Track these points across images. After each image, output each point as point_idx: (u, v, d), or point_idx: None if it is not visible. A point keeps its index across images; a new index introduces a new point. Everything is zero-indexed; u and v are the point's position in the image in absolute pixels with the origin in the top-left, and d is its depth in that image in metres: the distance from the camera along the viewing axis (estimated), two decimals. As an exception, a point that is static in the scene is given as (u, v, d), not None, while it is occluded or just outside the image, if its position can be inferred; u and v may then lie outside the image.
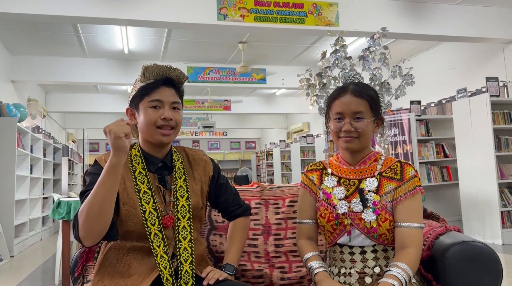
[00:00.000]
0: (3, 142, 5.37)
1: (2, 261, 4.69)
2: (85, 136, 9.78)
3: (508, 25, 5.96)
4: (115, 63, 7.84)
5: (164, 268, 1.26)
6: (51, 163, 7.77)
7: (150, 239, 1.27)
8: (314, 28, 5.38)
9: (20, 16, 4.60)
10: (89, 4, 4.67)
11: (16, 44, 6.84)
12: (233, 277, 1.39)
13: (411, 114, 5.61)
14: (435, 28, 5.75)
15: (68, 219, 3.31)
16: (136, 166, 1.35)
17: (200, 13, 5.03)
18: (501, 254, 4.18)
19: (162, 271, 1.25)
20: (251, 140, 17.75)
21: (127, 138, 1.16)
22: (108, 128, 1.15)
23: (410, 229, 1.28)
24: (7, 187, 5.32)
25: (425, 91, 7.14)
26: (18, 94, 7.55)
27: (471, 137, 5.18)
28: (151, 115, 1.32)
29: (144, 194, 1.31)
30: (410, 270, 1.23)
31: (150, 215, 1.29)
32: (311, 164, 1.52)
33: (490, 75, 5.20)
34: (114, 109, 10.56)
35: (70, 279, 1.56)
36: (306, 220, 1.46)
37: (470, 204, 5.21)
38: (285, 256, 1.69)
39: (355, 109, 1.34)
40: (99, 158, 1.35)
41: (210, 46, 7.30)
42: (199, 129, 12.51)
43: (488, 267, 1.32)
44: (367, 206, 1.33)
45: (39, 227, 6.80)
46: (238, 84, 8.49)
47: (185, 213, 1.35)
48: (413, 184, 1.33)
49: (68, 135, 13.34)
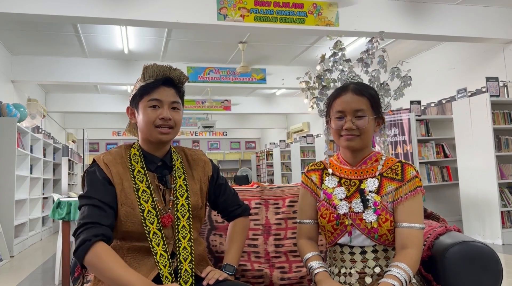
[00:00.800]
0: (3, 142, 5.37)
1: (2, 261, 4.69)
2: (85, 136, 9.79)
3: (508, 25, 5.96)
4: (115, 63, 7.84)
5: (163, 267, 1.26)
6: (51, 163, 7.77)
7: (149, 238, 1.27)
8: (314, 28, 5.38)
9: (20, 16, 4.60)
10: (89, 4, 4.67)
11: (16, 44, 6.84)
12: (233, 277, 1.38)
13: (411, 114, 5.61)
14: (435, 28, 5.74)
15: (68, 219, 3.31)
16: (135, 165, 1.35)
17: (200, 13, 5.02)
18: (501, 254, 4.18)
19: (162, 269, 1.25)
20: (251, 140, 17.75)
21: None
22: None
23: (410, 230, 1.28)
24: (7, 187, 5.32)
25: (425, 91, 7.14)
26: (18, 94, 7.55)
27: (471, 137, 5.18)
28: (150, 114, 1.33)
29: (143, 193, 1.31)
30: (411, 271, 1.23)
31: (149, 214, 1.29)
32: (312, 164, 1.52)
33: (490, 75, 5.20)
34: (114, 109, 10.56)
35: (70, 279, 1.56)
36: (307, 220, 1.46)
37: (470, 204, 5.20)
38: (285, 256, 1.68)
39: (356, 107, 1.34)
40: (98, 158, 1.34)
41: (210, 46, 7.30)
42: (199, 129, 12.51)
43: (488, 267, 1.31)
44: (367, 206, 1.33)
45: (39, 227, 6.80)
46: (238, 84, 8.49)
47: (185, 212, 1.35)
48: (414, 185, 1.33)
49: (68, 135, 13.34)
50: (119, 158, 1.35)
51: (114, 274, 1.14)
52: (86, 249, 1.17)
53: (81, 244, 1.18)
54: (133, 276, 1.15)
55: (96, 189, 1.28)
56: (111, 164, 1.32)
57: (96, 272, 1.20)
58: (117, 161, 1.34)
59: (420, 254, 1.28)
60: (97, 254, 1.17)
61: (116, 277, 1.14)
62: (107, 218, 1.25)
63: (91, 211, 1.24)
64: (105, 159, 1.33)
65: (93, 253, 1.17)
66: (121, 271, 1.15)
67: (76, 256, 1.19)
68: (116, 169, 1.32)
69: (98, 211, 1.24)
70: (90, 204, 1.25)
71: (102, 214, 1.24)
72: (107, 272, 1.15)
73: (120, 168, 1.33)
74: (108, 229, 1.23)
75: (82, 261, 1.18)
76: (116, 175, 1.31)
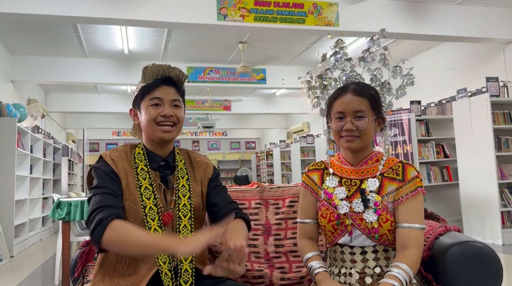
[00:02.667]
0: (3, 142, 5.37)
1: (2, 261, 4.69)
2: (85, 136, 9.78)
3: (508, 25, 5.96)
4: (115, 63, 7.83)
5: (163, 263, 1.27)
6: (51, 163, 7.77)
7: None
8: (314, 28, 5.38)
9: (20, 16, 4.60)
10: (89, 4, 4.67)
11: (16, 44, 6.84)
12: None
13: (411, 114, 5.61)
14: (435, 28, 5.74)
15: (68, 219, 3.31)
16: (138, 163, 1.38)
17: (200, 13, 5.02)
18: (501, 254, 4.18)
19: (161, 265, 1.26)
20: (251, 140, 17.74)
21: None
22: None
23: (411, 230, 1.28)
24: (7, 187, 5.33)
25: (425, 91, 7.14)
26: (18, 94, 7.55)
27: (471, 137, 5.18)
28: (151, 112, 1.36)
29: (145, 190, 1.33)
30: (411, 271, 1.23)
31: (150, 210, 1.31)
32: (313, 163, 1.52)
33: (490, 75, 5.20)
34: (114, 109, 10.56)
35: (70, 279, 1.56)
36: (307, 220, 1.46)
37: (470, 204, 5.20)
38: (285, 256, 1.68)
39: (356, 107, 1.34)
40: (105, 154, 1.38)
41: (210, 46, 7.30)
42: (199, 129, 12.51)
43: (488, 267, 1.31)
44: (368, 206, 1.33)
45: (39, 227, 6.80)
46: (238, 84, 8.49)
47: (187, 212, 1.36)
48: (415, 185, 1.33)
49: (68, 135, 13.34)
50: (125, 155, 1.39)
51: (141, 239, 1.16)
52: (103, 228, 1.18)
53: (98, 224, 1.19)
54: (161, 238, 1.20)
55: (106, 180, 1.31)
56: (118, 160, 1.36)
57: (118, 246, 1.20)
58: (123, 158, 1.37)
59: (420, 255, 1.28)
60: (116, 228, 1.19)
61: (143, 241, 1.16)
62: (119, 202, 1.28)
63: (104, 198, 1.27)
64: (112, 155, 1.37)
65: (111, 229, 1.18)
66: (147, 235, 1.19)
67: (94, 236, 1.19)
68: (122, 164, 1.35)
69: (111, 197, 1.27)
70: (102, 192, 1.28)
71: (115, 199, 1.27)
72: (132, 239, 1.16)
73: (126, 164, 1.36)
74: (122, 211, 1.27)
75: (100, 240, 1.18)
76: (122, 170, 1.34)
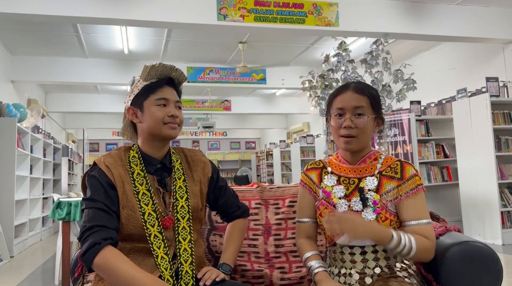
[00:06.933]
0: (3, 142, 5.37)
1: (2, 261, 4.68)
2: (85, 136, 9.79)
3: (508, 25, 5.96)
4: (115, 63, 7.83)
5: (165, 270, 1.26)
6: (51, 163, 7.76)
7: (150, 241, 1.27)
8: (314, 28, 5.38)
9: (20, 16, 4.60)
10: (89, 4, 4.67)
11: (16, 44, 6.84)
12: (229, 276, 1.38)
13: (411, 114, 5.61)
14: (435, 28, 5.74)
15: (68, 219, 3.31)
16: (134, 168, 1.34)
17: (200, 13, 5.02)
18: (501, 254, 4.18)
19: (163, 272, 1.25)
20: (251, 140, 17.74)
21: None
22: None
23: (420, 226, 1.29)
24: (7, 187, 5.32)
25: (425, 91, 7.12)
26: (18, 94, 7.55)
27: (471, 137, 5.18)
28: (158, 112, 1.34)
29: (143, 196, 1.31)
30: (415, 246, 1.23)
31: (149, 216, 1.29)
32: (311, 162, 1.52)
33: (490, 75, 5.19)
34: (114, 109, 10.55)
35: (70, 280, 1.56)
36: (306, 219, 1.46)
37: (470, 204, 5.20)
38: (285, 256, 1.68)
39: (356, 104, 1.34)
40: (99, 161, 1.34)
41: (210, 46, 7.30)
42: (199, 129, 12.51)
43: (488, 267, 1.31)
44: (367, 205, 1.33)
45: (39, 227, 6.80)
46: (238, 84, 8.49)
47: (185, 214, 1.35)
48: (415, 183, 1.33)
49: (68, 135, 13.34)
50: (120, 161, 1.35)
51: (127, 275, 1.14)
52: (95, 253, 1.17)
53: (90, 247, 1.17)
54: (146, 277, 1.15)
55: (100, 193, 1.27)
56: (112, 166, 1.32)
57: (106, 275, 1.19)
58: (118, 164, 1.34)
59: (433, 246, 1.29)
60: (107, 257, 1.16)
61: (129, 278, 1.14)
62: (113, 221, 1.25)
63: (97, 214, 1.24)
64: (106, 161, 1.33)
65: (102, 256, 1.16)
66: (134, 272, 1.15)
67: (84, 259, 1.18)
68: (118, 171, 1.32)
69: (104, 214, 1.24)
70: (95, 207, 1.25)
71: (108, 217, 1.24)
72: (119, 273, 1.15)
73: (121, 170, 1.32)
74: (115, 232, 1.24)
75: (91, 265, 1.17)
76: (118, 177, 1.30)
